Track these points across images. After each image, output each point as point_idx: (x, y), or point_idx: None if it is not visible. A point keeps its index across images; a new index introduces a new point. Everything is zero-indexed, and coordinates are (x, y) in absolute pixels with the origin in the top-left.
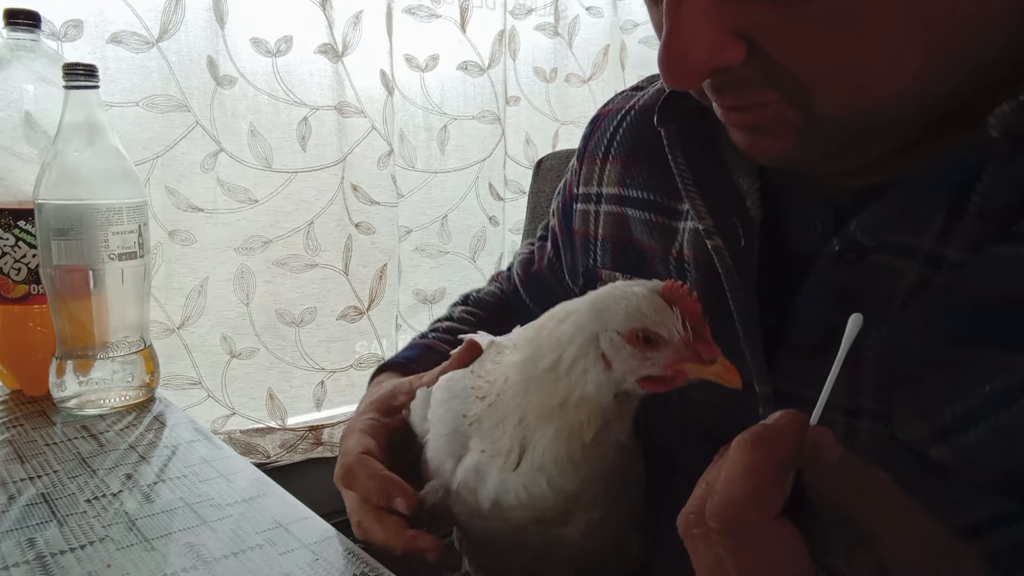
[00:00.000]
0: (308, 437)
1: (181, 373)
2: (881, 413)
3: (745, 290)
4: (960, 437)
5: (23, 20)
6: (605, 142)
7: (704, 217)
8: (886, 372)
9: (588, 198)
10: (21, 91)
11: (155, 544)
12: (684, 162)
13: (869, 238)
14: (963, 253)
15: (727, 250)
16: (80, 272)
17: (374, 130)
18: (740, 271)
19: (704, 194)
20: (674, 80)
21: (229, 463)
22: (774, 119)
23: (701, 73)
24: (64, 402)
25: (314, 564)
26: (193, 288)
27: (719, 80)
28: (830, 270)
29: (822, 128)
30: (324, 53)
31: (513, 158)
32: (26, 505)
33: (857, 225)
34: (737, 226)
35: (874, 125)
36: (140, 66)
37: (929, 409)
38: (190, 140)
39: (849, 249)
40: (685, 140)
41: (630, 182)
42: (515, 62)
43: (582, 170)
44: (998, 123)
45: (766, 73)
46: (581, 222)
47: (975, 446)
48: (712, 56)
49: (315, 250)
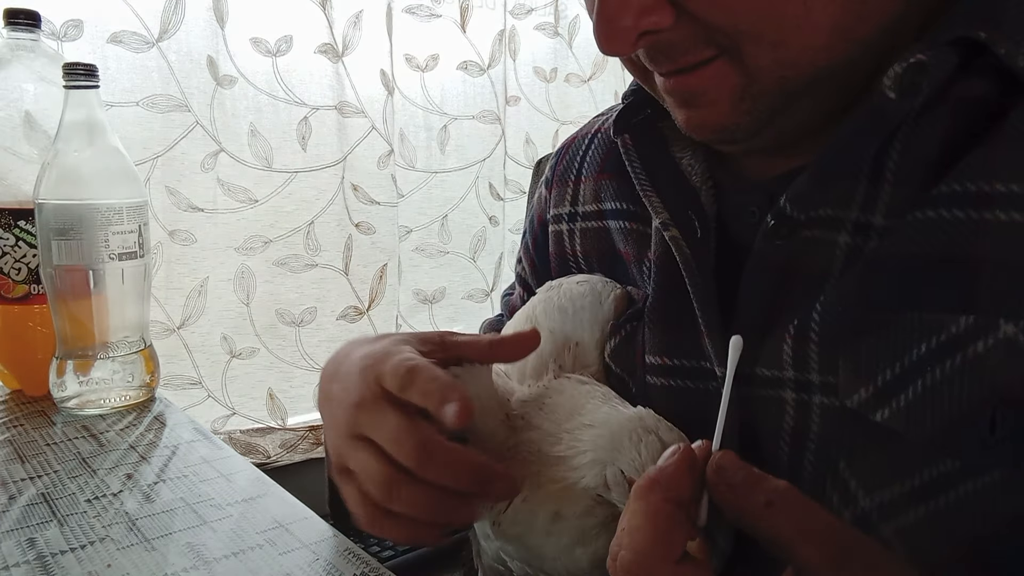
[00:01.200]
0: (308, 437)
1: (181, 373)
2: (830, 385)
3: (703, 278)
4: (900, 397)
5: (23, 20)
6: (576, 164)
7: (660, 211)
8: (830, 344)
9: (560, 219)
10: (21, 91)
11: (155, 544)
12: (640, 166)
13: (798, 210)
14: (887, 219)
15: (684, 241)
16: (80, 272)
17: (374, 130)
18: (697, 260)
19: (659, 192)
20: (608, 45)
21: (229, 463)
22: (713, 80)
23: (631, 37)
24: (64, 402)
25: (314, 564)
26: (193, 288)
27: (652, 47)
28: (767, 248)
29: (756, 88)
30: (324, 53)
31: (513, 158)
32: (26, 505)
33: (786, 199)
34: (693, 219)
35: (798, 88)
36: (140, 66)
37: (870, 373)
38: (190, 140)
39: (782, 223)
40: (639, 147)
41: (604, 196)
42: (515, 62)
43: (552, 195)
44: (892, 83)
45: (696, 32)
46: (555, 243)
47: (914, 405)
48: (639, 20)
49: (315, 250)
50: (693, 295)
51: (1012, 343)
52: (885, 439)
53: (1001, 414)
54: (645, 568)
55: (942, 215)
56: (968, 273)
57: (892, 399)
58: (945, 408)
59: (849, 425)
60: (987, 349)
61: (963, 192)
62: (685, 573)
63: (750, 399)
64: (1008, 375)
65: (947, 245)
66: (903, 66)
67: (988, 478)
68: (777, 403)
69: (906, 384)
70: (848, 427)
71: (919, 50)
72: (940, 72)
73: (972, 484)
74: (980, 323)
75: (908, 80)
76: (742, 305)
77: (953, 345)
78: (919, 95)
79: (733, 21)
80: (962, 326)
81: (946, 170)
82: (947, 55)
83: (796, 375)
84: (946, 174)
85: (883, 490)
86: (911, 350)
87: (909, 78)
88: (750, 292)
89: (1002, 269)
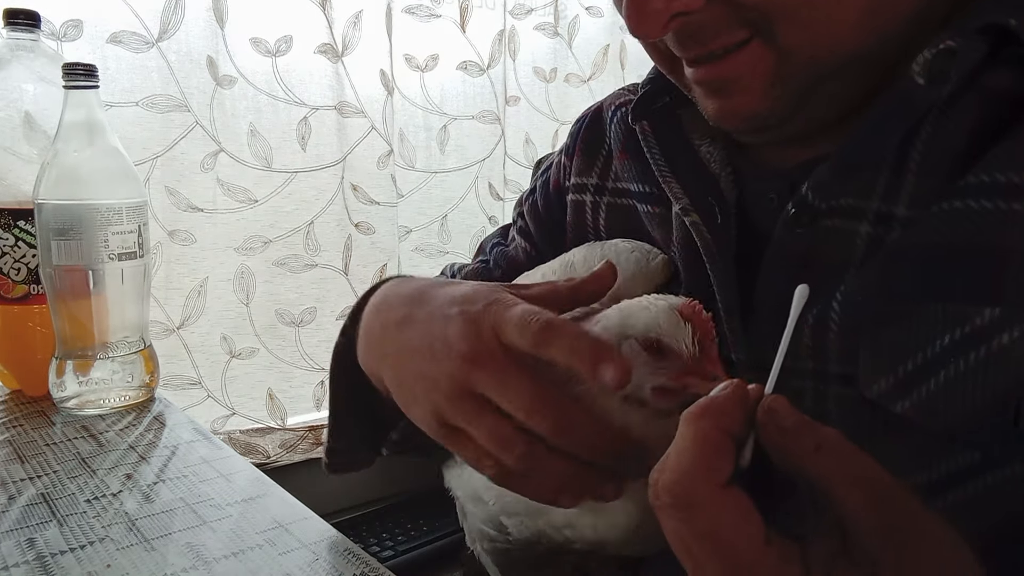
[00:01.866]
0: (308, 437)
1: (181, 373)
2: (848, 376)
3: (724, 263)
4: (922, 389)
5: (23, 20)
6: (606, 138)
7: (680, 197)
8: (850, 334)
9: (583, 188)
10: (21, 91)
11: (155, 544)
12: (659, 152)
13: (820, 199)
14: (911, 210)
15: (704, 226)
16: (80, 272)
17: (374, 130)
18: (718, 245)
19: (679, 178)
20: (638, 27)
21: (229, 463)
22: (746, 66)
23: (662, 19)
24: (64, 402)
25: (314, 564)
26: (193, 288)
27: (682, 30)
28: (787, 236)
29: (787, 70)
30: (324, 53)
31: (513, 158)
32: (26, 505)
33: (808, 187)
34: (713, 205)
35: (828, 71)
36: (140, 66)
37: (892, 364)
38: (190, 140)
39: (803, 212)
40: (658, 134)
41: (627, 176)
42: (515, 62)
43: (573, 163)
44: (921, 69)
45: (728, 13)
46: (575, 213)
47: (936, 396)
48: (671, 1)
49: (315, 250)
50: (713, 279)
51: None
52: (903, 431)
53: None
54: (687, 489)
55: (969, 205)
56: (995, 264)
57: (914, 390)
58: (968, 400)
59: (867, 416)
60: (1012, 341)
61: (991, 183)
62: (728, 499)
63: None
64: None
65: (973, 235)
66: (932, 52)
67: (1010, 470)
68: (794, 393)
69: (928, 376)
70: (866, 418)
71: (948, 36)
72: (969, 60)
73: (992, 477)
74: (1006, 315)
75: (937, 67)
76: (761, 292)
77: (978, 337)
78: (947, 82)
79: (767, 0)
80: (987, 318)
81: (973, 161)
82: (977, 43)
83: (815, 365)
84: (973, 165)
85: None
86: (934, 341)
87: (938, 65)
88: (770, 279)
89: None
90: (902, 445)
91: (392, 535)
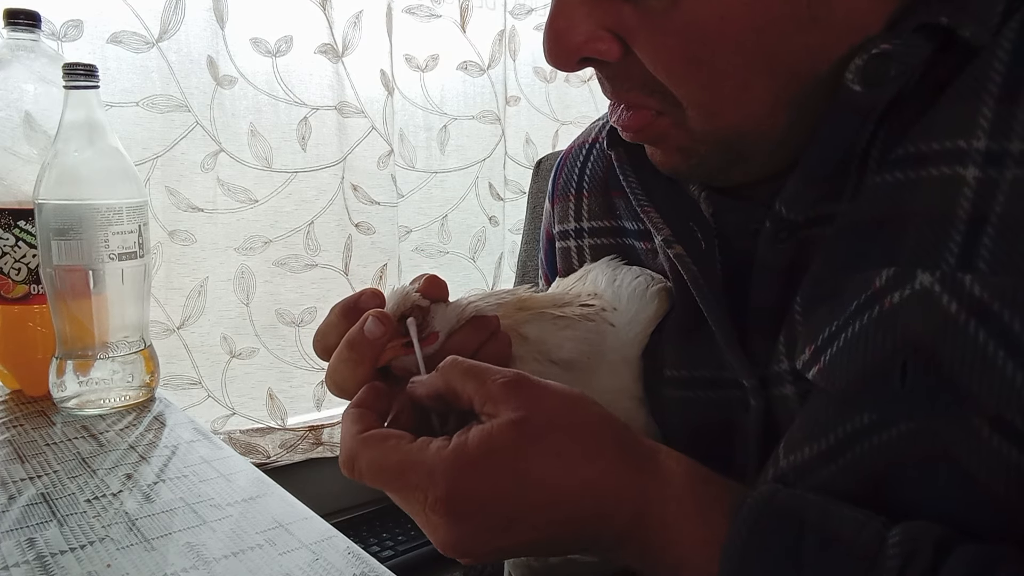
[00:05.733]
0: (308, 437)
1: (181, 373)
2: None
3: (712, 292)
4: (827, 353)
5: (23, 20)
6: (575, 178)
7: (661, 228)
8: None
9: (566, 235)
10: (21, 91)
11: (155, 544)
12: (636, 181)
13: (794, 212)
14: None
15: (688, 256)
16: (80, 272)
17: (374, 130)
18: (704, 275)
19: (659, 207)
20: (552, 58)
21: (229, 463)
22: (659, 132)
23: (573, 58)
24: (64, 402)
25: (314, 564)
26: (193, 288)
27: (601, 72)
28: (770, 253)
29: (704, 148)
30: (324, 53)
31: (513, 158)
32: (26, 505)
33: (780, 203)
34: (696, 231)
35: (744, 147)
36: (140, 66)
37: (814, 335)
38: (190, 140)
39: (781, 228)
40: (633, 161)
41: (621, 214)
42: (515, 62)
43: (555, 210)
44: (855, 76)
45: (643, 75)
46: (563, 260)
47: (835, 359)
48: (585, 44)
49: (315, 250)
50: (706, 312)
51: (927, 293)
52: (815, 398)
53: (913, 366)
54: (346, 454)
55: (885, 179)
56: (899, 231)
57: (821, 356)
58: (859, 360)
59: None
60: (902, 300)
61: (904, 155)
62: (369, 438)
63: (769, 400)
64: (921, 325)
65: (887, 207)
66: (864, 58)
67: (896, 431)
68: (780, 400)
69: (833, 340)
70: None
71: (883, 40)
72: (910, 59)
73: (879, 437)
74: (899, 274)
75: (872, 71)
76: (754, 312)
77: (874, 298)
78: (888, 84)
79: (673, 84)
80: (884, 279)
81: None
82: (915, 42)
83: (789, 364)
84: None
85: (798, 452)
86: (846, 308)
87: (873, 69)
88: (760, 299)
89: (927, 222)
90: (820, 411)
91: (392, 535)
